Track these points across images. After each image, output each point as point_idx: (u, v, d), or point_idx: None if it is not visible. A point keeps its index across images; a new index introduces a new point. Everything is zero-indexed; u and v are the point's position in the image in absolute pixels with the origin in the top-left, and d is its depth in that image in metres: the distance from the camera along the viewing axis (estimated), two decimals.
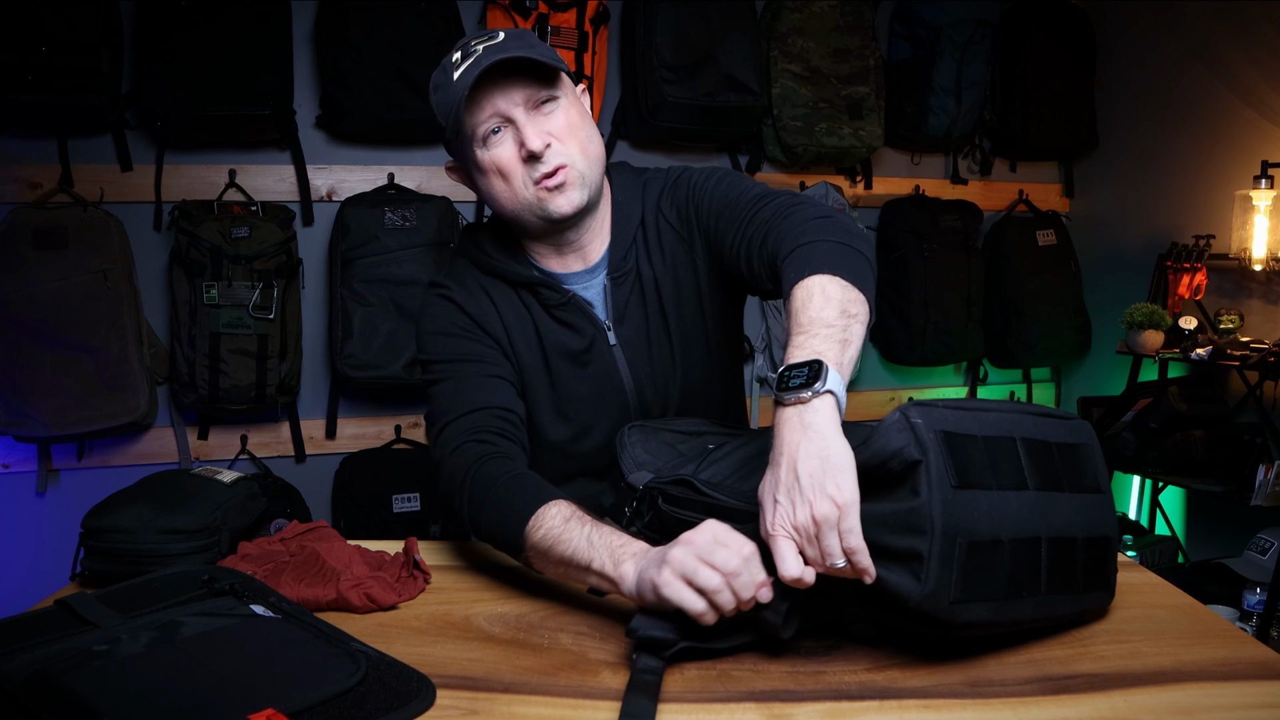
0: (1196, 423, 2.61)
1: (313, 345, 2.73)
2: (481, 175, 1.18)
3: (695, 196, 1.24)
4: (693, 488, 0.96)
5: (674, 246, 1.25)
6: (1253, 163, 2.63)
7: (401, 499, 2.69)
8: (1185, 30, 2.96)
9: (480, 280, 1.26)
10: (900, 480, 0.81)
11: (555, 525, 0.98)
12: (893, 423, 0.81)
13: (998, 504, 0.82)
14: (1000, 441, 0.85)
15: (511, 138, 1.14)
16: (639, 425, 1.17)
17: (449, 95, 1.12)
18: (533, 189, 1.15)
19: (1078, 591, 0.89)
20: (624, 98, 2.88)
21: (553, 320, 1.24)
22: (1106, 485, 0.94)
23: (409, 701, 0.78)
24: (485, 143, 1.15)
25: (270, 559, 1.08)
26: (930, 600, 0.78)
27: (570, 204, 1.16)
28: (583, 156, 1.16)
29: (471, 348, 1.22)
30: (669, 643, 0.84)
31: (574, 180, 1.16)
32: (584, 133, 1.17)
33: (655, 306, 1.26)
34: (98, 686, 0.72)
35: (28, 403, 2.30)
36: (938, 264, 3.09)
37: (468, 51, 1.12)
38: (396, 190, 2.72)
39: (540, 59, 1.11)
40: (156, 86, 2.37)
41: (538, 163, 1.14)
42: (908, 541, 0.79)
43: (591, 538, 0.95)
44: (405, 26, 2.53)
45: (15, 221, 2.33)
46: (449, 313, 1.24)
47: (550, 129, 1.14)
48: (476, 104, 1.12)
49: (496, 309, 1.24)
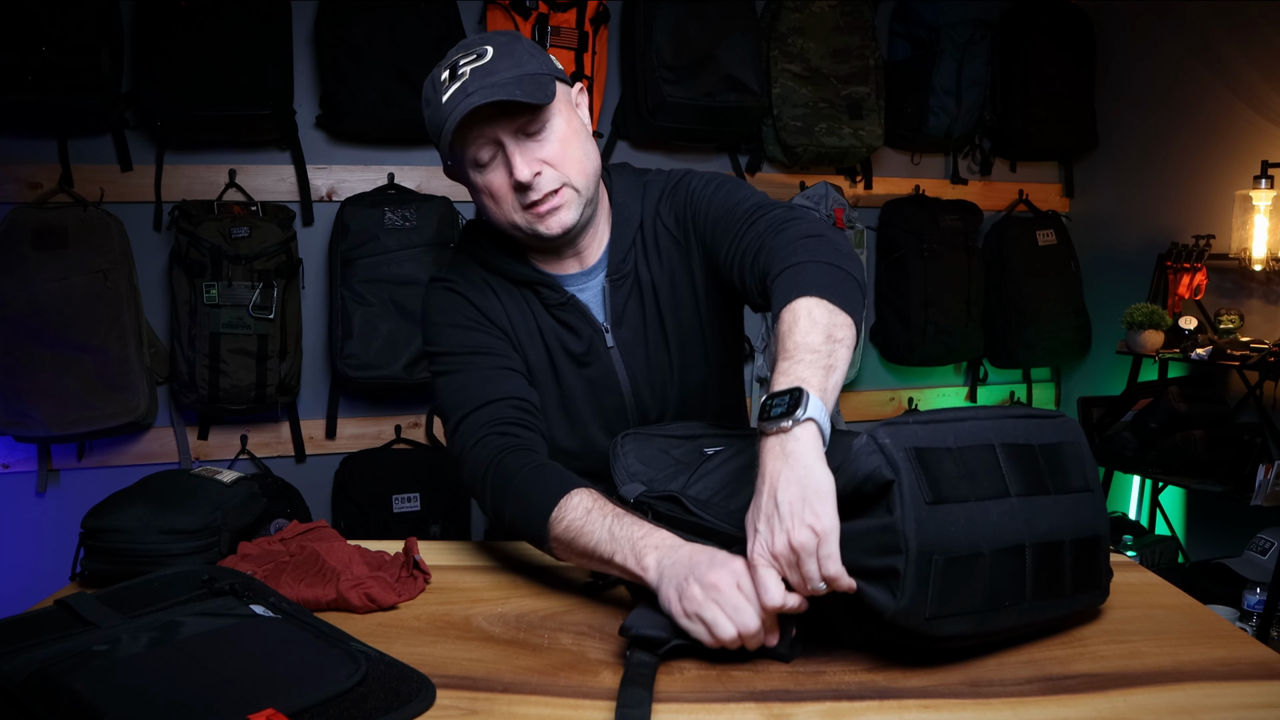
0: (1196, 423, 2.61)
1: (313, 345, 2.73)
2: (475, 192, 1.19)
3: (694, 202, 1.23)
4: (682, 506, 0.96)
5: (671, 250, 1.25)
6: (1253, 163, 2.63)
7: (401, 499, 2.69)
8: (1185, 30, 2.96)
9: (484, 275, 1.26)
10: (876, 501, 0.81)
11: (577, 517, 0.99)
12: (861, 446, 0.82)
13: (976, 516, 0.81)
14: (977, 451, 0.85)
15: (502, 163, 1.14)
16: (633, 434, 1.17)
17: (437, 117, 1.12)
18: (522, 213, 1.15)
19: (1066, 594, 0.88)
20: (624, 98, 2.88)
21: (554, 320, 1.24)
22: (1095, 482, 0.93)
23: (409, 701, 0.78)
24: (477, 166, 1.15)
25: (270, 559, 1.08)
26: (905, 615, 0.79)
27: (560, 225, 1.16)
28: (578, 174, 1.16)
29: (481, 339, 1.21)
30: (662, 641, 0.85)
31: (567, 200, 1.16)
32: (578, 150, 1.16)
33: (653, 310, 1.25)
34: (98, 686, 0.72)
35: (28, 403, 2.30)
36: (938, 264, 3.09)
37: (456, 73, 1.10)
38: (396, 190, 2.72)
39: (523, 98, 1.08)
40: (156, 86, 2.37)
41: (527, 191, 1.13)
42: (884, 560, 0.79)
43: (613, 529, 0.96)
44: (405, 26, 2.53)
45: (15, 221, 2.33)
46: (457, 304, 1.23)
47: (542, 155, 1.13)
48: (465, 133, 1.11)
49: (501, 304, 1.24)
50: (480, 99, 1.07)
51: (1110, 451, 2.73)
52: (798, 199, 2.93)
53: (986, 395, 3.49)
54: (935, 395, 3.43)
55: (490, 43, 1.12)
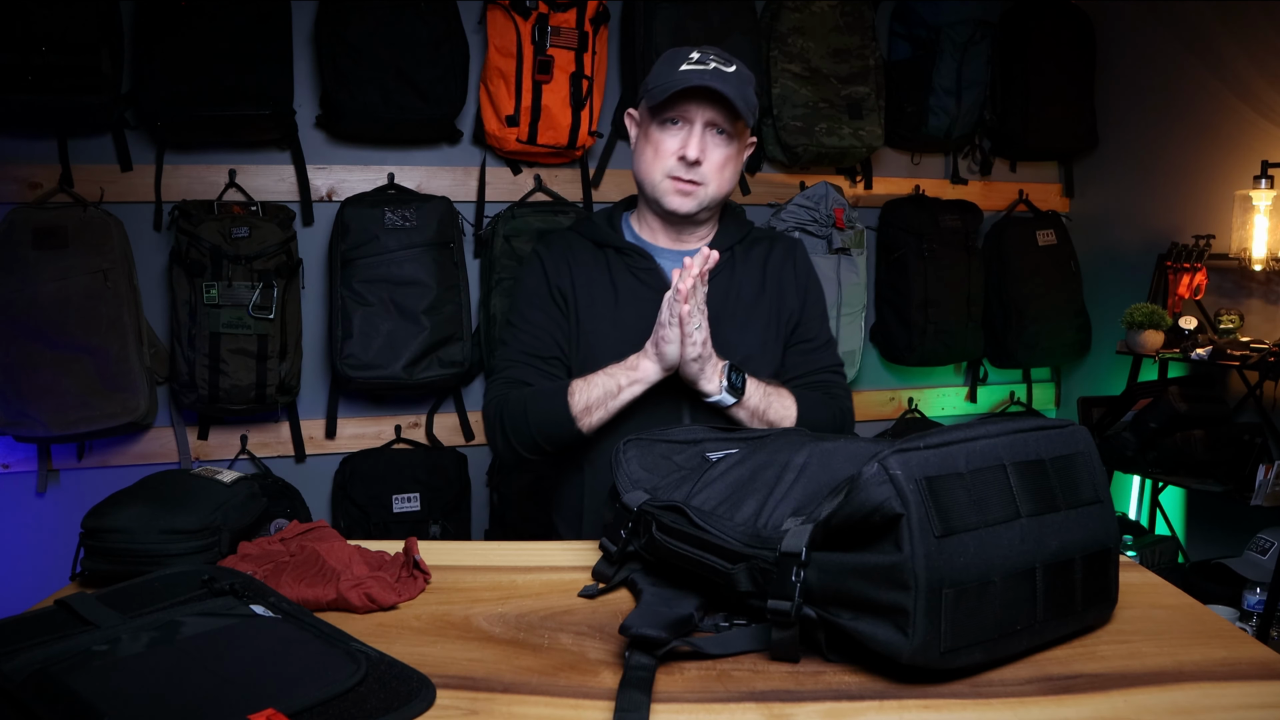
0: (1196, 423, 2.61)
1: (313, 345, 2.73)
2: (644, 138, 1.47)
3: (806, 285, 1.58)
4: (686, 518, 0.96)
5: (768, 279, 1.55)
6: (1253, 163, 2.63)
7: (401, 499, 2.69)
8: (1185, 30, 2.96)
9: (573, 239, 1.57)
10: (883, 533, 0.80)
11: (582, 386, 1.40)
12: (872, 475, 0.79)
13: (986, 542, 0.80)
14: (988, 473, 0.83)
15: (681, 136, 1.43)
16: (635, 440, 1.18)
17: (668, 77, 1.39)
18: (667, 179, 1.45)
19: (1077, 610, 0.88)
20: (624, 98, 2.88)
21: (633, 278, 1.51)
22: (1105, 491, 0.92)
23: (409, 701, 0.78)
24: (663, 125, 1.44)
25: (270, 559, 1.08)
26: (920, 654, 0.78)
27: (684, 206, 1.46)
28: (717, 185, 1.46)
29: (537, 317, 1.52)
30: (661, 641, 0.85)
31: (699, 195, 1.45)
32: (729, 173, 1.47)
33: (722, 306, 1.49)
34: (98, 686, 0.72)
35: (28, 403, 2.30)
36: (938, 264, 3.09)
37: (705, 59, 1.40)
38: (396, 190, 2.72)
39: (740, 109, 1.39)
40: (156, 86, 2.37)
41: (683, 166, 1.42)
42: (892, 596, 0.78)
43: (609, 372, 1.40)
44: (405, 26, 2.53)
45: (15, 221, 2.32)
46: (533, 273, 1.56)
47: (710, 154, 1.43)
48: (680, 98, 1.40)
49: (570, 266, 1.53)
50: (715, 85, 1.36)
51: (1110, 451, 2.73)
52: (798, 199, 2.93)
53: (986, 395, 3.49)
54: (935, 395, 3.43)
55: (738, 64, 1.43)
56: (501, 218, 2.73)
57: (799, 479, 0.96)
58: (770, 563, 0.85)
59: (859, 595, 0.80)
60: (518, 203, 2.80)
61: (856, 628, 0.81)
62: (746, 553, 0.88)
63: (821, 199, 2.91)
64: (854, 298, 2.96)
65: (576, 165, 2.91)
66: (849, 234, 2.93)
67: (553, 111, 2.63)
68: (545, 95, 2.62)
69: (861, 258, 2.98)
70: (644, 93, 1.45)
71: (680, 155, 1.42)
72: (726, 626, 0.91)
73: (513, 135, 2.65)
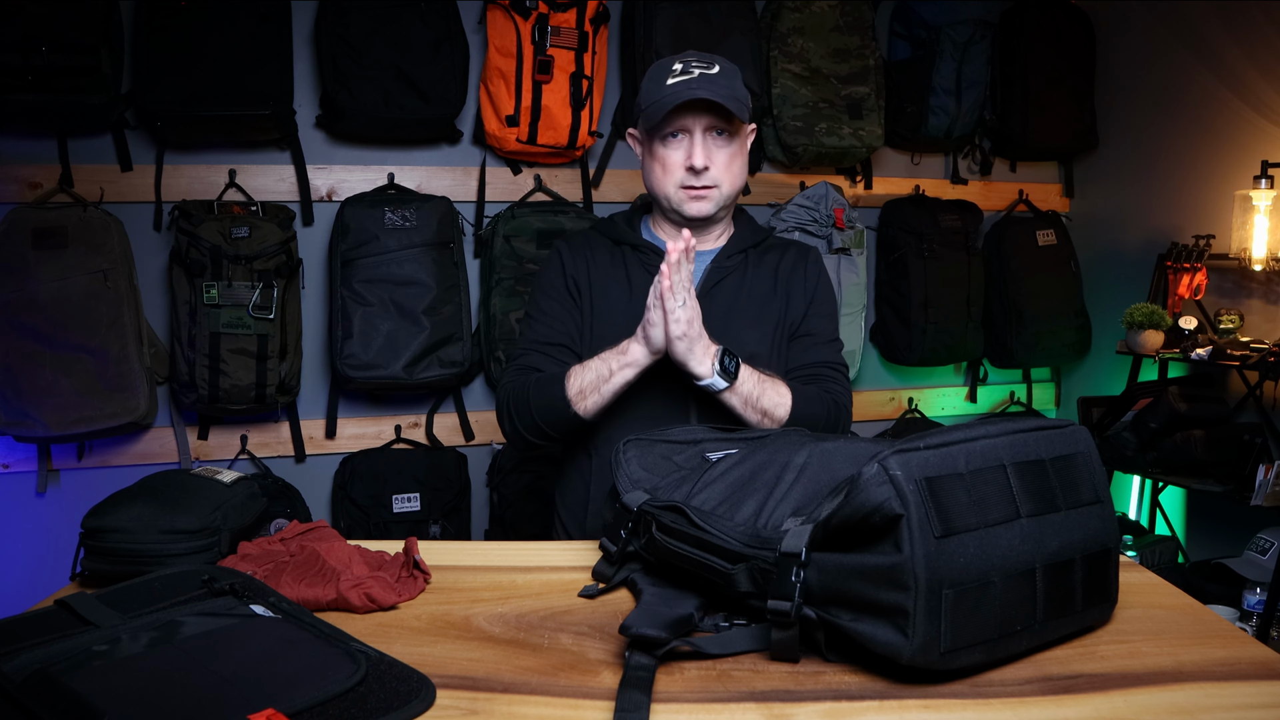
0: (1196, 423, 2.61)
1: (313, 345, 2.73)
2: (649, 156, 1.51)
3: (815, 286, 1.60)
4: (686, 518, 0.96)
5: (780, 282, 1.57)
6: (1253, 163, 2.63)
7: (401, 499, 2.69)
8: (1185, 30, 2.96)
9: (592, 237, 1.62)
10: (883, 533, 0.80)
11: (577, 373, 1.42)
12: (871, 476, 0.79)
13: (986, 542, 0.80)
14: (988, 473, 0.83)
15: (684, 147, 1.46)
16: (634, 440, 1.18)
17: (659, 91, 1.42)
18: (679, 190, 1.49)
19: (1077, 611, 0.88)
20: (624, 97, 2.88)
21: (647, 273, 1.54)
22: (1105, 492, 0.92)
23: (409, 701, 0.78)
24: (664, 140, 1.47)
25: (270, 559, 1.08)
26: (921, 655, 0.78)
27: (704, 210, 1.50)
28: (729, 186, 1.50)
29: (553, 307, 1.56)
30: (661, 641, 0.85)
31: (713, 197, 1.49)
32: (737, 168, 1.50)
33: (733, 304, 1.53)
34: (98, 686, 0.72)
35: (28, 403, 2.30)
36: (938, 264, 3.09)
37: (688, 69, 1.43)
38: (396, 190, 2.72)
39: (732, 109, 1.41)
40: (156, 86, 2.37)
41: (693, 175, 1.46)
42: (892, 596, 0.78)
43: (601, 358, 1.41)
44: (405, 26, 2.53)
45: (15, 221, 2.32)
46: (551, 264, 1.60)
47: (715, 156, 1.46)
48: (674, 114, 1.43)
49: (588, 261, 1.57)
50: (704, 94, 1.39)
51: (1110, 451, 2.73)
52: (798, 199, 2.93)
53: (986, 395, 3.49)
54: (935, 395, 3.43)
55: (719, 62, 1.45)
56: (501, 218, 2.73)
57: (799, 479, 0.96)
58: (770, 563, 0.85)
59: (859, 596, 0.80)
60: (518, 203, 2.80)
61: (856, 628, 0.81)
62: (746, 553, 0.88)
63: (821, 199, 2.91)
64: (854, 298, 2.96)
65: (576, 165, 2.91)
66: (849, 234, 2.93)
67: (553, 111, 2.64)
68: (545, 95, 2.62)
69: (861, 258, 2.98)
70: (638, 113, 1.48)
71: (688, 166, 1.46)
72: (726, 626, 0.91)
73: (513, 135, 2.65)
